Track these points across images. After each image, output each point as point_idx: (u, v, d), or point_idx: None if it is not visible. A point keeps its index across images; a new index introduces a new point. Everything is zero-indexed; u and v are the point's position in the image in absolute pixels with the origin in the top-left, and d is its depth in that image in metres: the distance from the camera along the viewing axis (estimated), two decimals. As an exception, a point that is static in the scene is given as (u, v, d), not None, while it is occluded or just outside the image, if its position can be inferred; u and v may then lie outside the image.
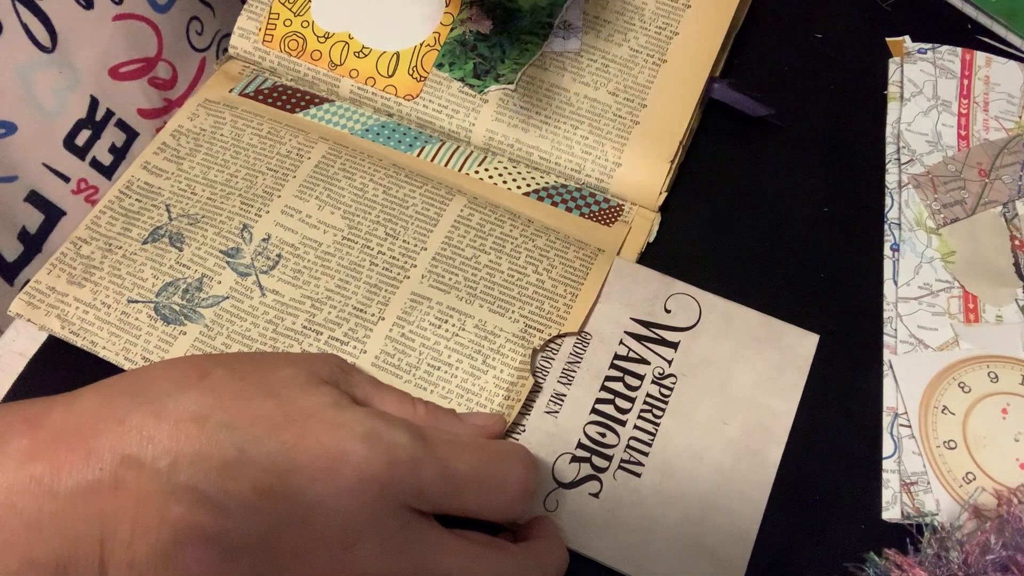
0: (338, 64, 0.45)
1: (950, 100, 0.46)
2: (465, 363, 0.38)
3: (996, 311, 0.41)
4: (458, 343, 0.38)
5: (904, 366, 0.39)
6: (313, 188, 0.42)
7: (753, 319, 0.39)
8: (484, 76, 0.45)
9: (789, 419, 0.38)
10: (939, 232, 0.43)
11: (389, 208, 0.42)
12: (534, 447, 0.36)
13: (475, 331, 0.38)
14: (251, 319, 0.39)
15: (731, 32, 0.47)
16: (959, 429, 0.38)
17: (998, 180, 0.44)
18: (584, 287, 0.40)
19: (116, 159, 0.47)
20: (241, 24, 0.47)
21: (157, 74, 0.48)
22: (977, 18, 0.50)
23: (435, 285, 0.39)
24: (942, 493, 0.37)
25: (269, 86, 0.47)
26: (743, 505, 0.36)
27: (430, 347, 0.38)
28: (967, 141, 0.45)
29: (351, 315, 0.39)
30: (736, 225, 0.44)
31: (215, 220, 0.41)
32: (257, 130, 0.44)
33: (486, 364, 0.38)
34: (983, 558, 0.32)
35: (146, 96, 0.48)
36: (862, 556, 0.35)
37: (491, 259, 0.40)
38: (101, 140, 0.46)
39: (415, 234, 0.41)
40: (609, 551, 0.35)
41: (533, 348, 0.38)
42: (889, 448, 0.38)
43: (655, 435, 0.37)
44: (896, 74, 0.47)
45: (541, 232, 0.41)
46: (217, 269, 0.40)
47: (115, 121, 0.46)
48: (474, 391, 0.37)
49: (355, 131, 0.45)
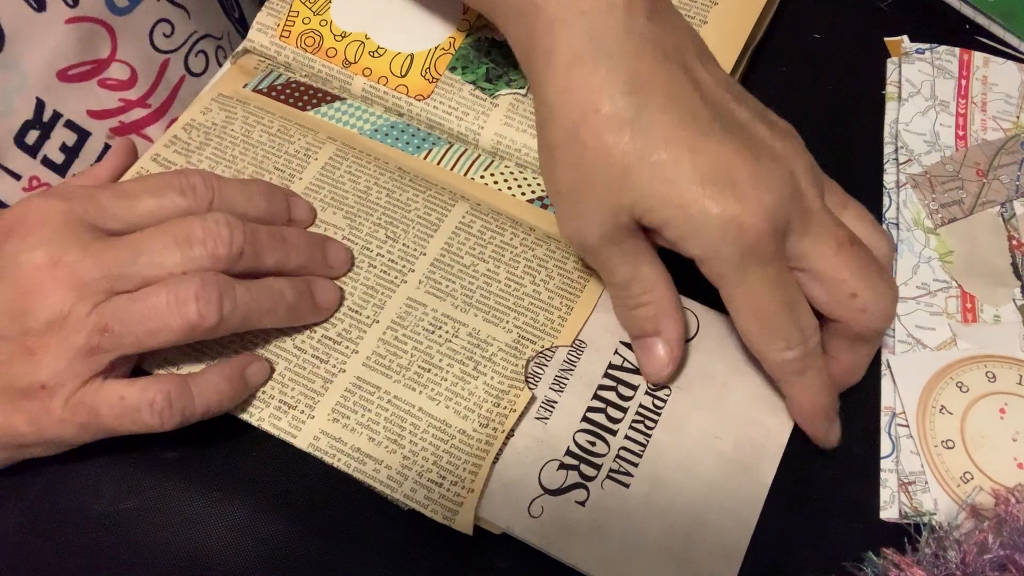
0: (352, 62, 0.46)
1: (948, 100, 0.46)
2: (456, 368, 0.38)
3: (994, 311, 0.41)
4: (450, 349, 0.38)
5: (902, 366, 0.39)
6: (318, 191, 0.42)
7: None
8: (496, 80, 0.45)
9: (784, 438, 0.37)
10: (937, 232, 0.43)
11: (391, 211, 0.42)
12: (521, 452, 0.36)
13: (468, 338, 0.38)
14: None
15: (748, 47, 0.46)
16: (957, 429, 0.38)
17: (996, 180, 0.44)
18: (580, 300, 0.40)
19: (69, 157, 0.47)
20: (260, 19, 0.47)
21: (110, 75, 0.48)
22: (975, 18, 0.50)
23: (431, 291, 0.39)
24: (940, 493, 0.37)
25: (283, 82, 0.47)
26: (732, 522, 0.35)
27: (422, 351, 0.38)
28: (965, 141, 0.45)
29: (346, 315, 0.39)
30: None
31: None
32: (267, 127, 0.44)
33: (476, 371, 0.38)
34: (981, 557, 0.33)
35: (96, 98, 0.48)
36: (860, 555, 0.35)
37: (489, 268, 0.40)
38: (51, 140, 0.46)
39: (415, 238, 0.41)
40: (592, 560, 0.34)
41: (526, 359, 0.38)
42: (887, 448, 0.38)
43: (646, 446, 0.37)
44: (894, 74, 0.48)
45: (542, 241, 0.41)
46: None
47: (64, 122, 0.46)
48: (463, 395, 0.37)
49: (364, 131, 0.45)
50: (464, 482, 0.35)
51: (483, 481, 0.35)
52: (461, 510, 0.35)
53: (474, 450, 0.36)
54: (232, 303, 0.34)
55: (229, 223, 0.35)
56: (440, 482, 0.35)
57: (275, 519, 0.36)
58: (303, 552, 0.36)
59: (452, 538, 0.35)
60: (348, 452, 0.36)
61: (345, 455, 0.36)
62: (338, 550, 0.36)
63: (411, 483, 0.35)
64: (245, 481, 0.37)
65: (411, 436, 0.36)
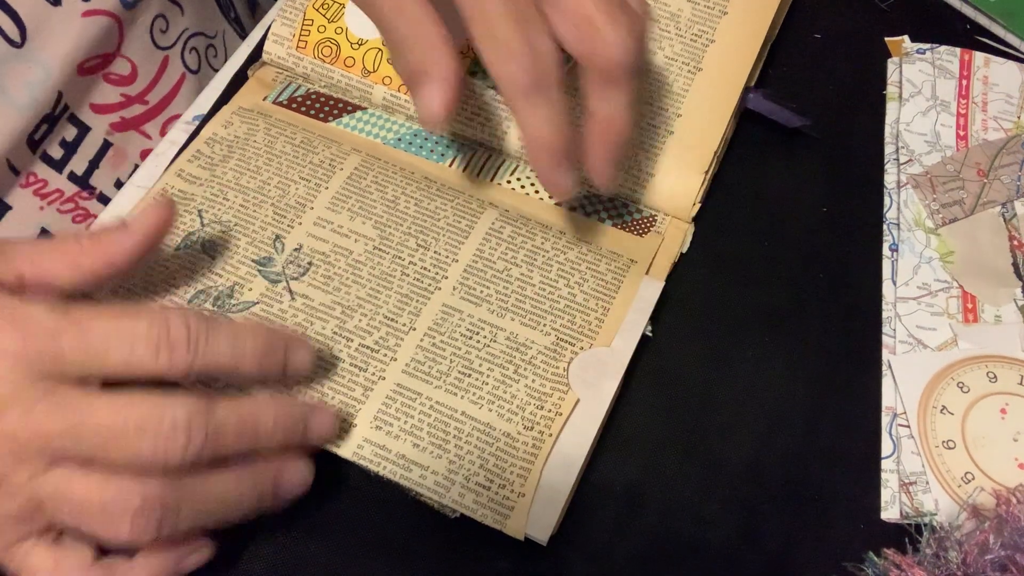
0: (371, 71, 0.45)
1: (949, 100, 0.46)
2: (496, 371, 0.38)
3: (995, 311, 0.41)
4: (489, 353, 0.38)
5: (903, 366, 0.39)
6: (345, 200, 0.42)
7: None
8: None
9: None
10: (938, 232, 0.43)
11: (420, 220, 0.42)
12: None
13: (506, 343, 0.38)
14: (279, 322, 0.39)
15: (767, 41, 0.47)
16: (958, 429, 0.38)
17: (997, 180, 0.44)
18: (616, 300, 0.40)
19: (67, 153, 0.47)
20: (275, 30, 0.47)
21: (113, 70, 0.48)
22: (976, 18, 0.50)
23: (466, 297, 0.39)
24: (941, 493, 0.37)
25: (302, 93, 0.46)
26: (576, 436, 0.36)
27: (461, 356, 0.38)
28: (966, 141, 0.45)
29: (382, 324, 0.39)
30: (734, 225, 0.44)
31: (248, 229, 0.41)
32: (290, 139, 0.44)
33: (517, 374, 0.38)
34: (982, 558, 0.33)
35: (100, 91, 0.48)
36: (861, 556, 0.35)
37: (522, 272, 0.40)
38: (53, 134, 0.46)
39: (446, 245, 0.41)
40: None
41: (567, 361, 0.38)
42: (888, 448, 0.38)
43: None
44: (895, 74, 0.47)
45: (573, 244, 0.41)
46: (249, 277, 0.40)
47: (68, 116, 0.46)
48: (505, 398, 0.37)
49: (387, 140, 0.45)
50: (513, 486, 0.35)
51: (534, 486, 0.35)
52: (512, 514, 0.35)
53: (521, 454, 0.36)
54: (173, 523, 0.31)
55: (189, 427, 0.30)
56: (488, 486, 0.35)
57: (275, 519, 0.36)
58: (304, 552, 0.36)
59: (452, 538, 0.35)
60: (393, 459, 0.36)
61: (390, 462, 0.36)
62: (338, 550, 0.36)
63: (459, 488, 0.35)
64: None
65: (456, 440, 0.36)
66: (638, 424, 0.39)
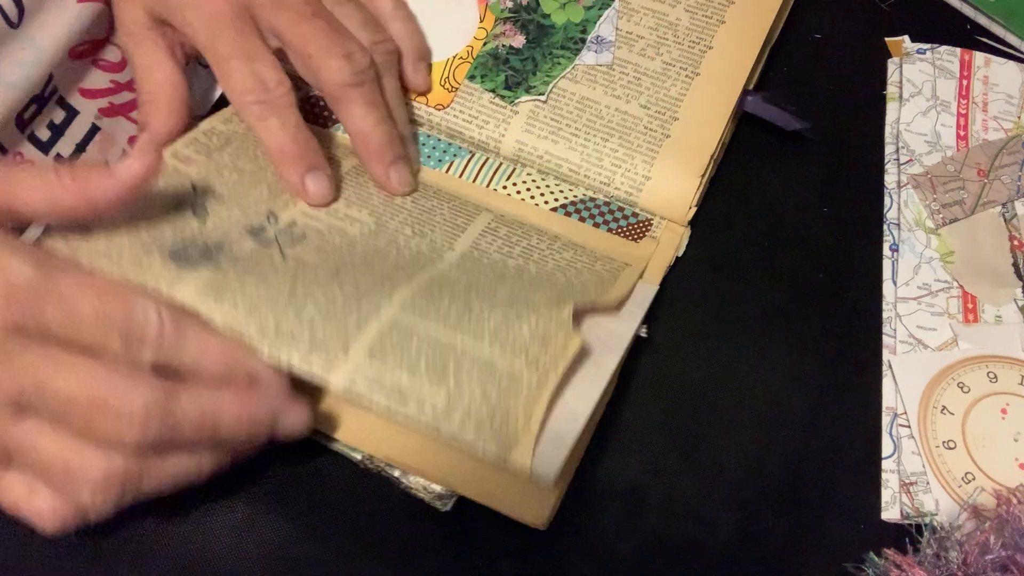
0: None
1: (949, 100, 0.46)
2: (498, 312, 0.36)
3: (995, 311, 0.41)
4: (489, 304, 0.36)
5: (903, 366, 0.39)
6: (343, 188, 0.42)
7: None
8: (515, 88, 0.45)
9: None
10: (938, 232, 0.43)
11: (417, 213, 0.42)
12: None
13: (508, 296, 0.37)
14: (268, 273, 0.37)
15: (767, 44, 0.47)
16: (958, 429, 0.38)
17: (997, 180, 0.44)
18: (611, 294, 0.39)
19: (54, 135, 0.47)
20: None
21: (104, 56, 0.48)
22: (976, 18, 0.50)
23: (464, 273, 0.39)
24: (941, 493, 0.37)
25: (302, 97, 0.46)
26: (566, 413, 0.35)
27: (460, 300, 0.36)
28: (966, 141, 0.45)
29: (372, 287, 0.37)
30: (735, 226, 0.44)
31: (241, 202, 0.40)
32: None
33: (519, 316, 0.36)
34: (982, 558, 0.32)
35: (91, 76, 0.48)
36: (861, 556, 0.35)
37: (518, 264, 0.40)
38: (42, 115, 0.46)
39: (443, 237, 0.41)
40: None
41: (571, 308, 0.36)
42: (888, 448, 0.38)
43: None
44: (895, 74, 0.47)
45: (568, 247, 0.41)
46: (239, 239, 0.38)
47: (56, 99, 0.47)
48: (508, 339, 0.35)
49: None
50: (517, 421, 0.33)
51: (539, 424, 0.33)
52: (518, 446, 0.33)
53: (525, 392, 0.34)
54: (133, 495, 0.31)
55: (146, 416, 0.30)
56: (491, 418, 0.33)
57: (275, 519, 0.36)
58: (303, 552, 0.36)
59: (452, 538, 0.35)
60: (388, 390, 0.33)
61: (384, 395, 0.33)
62: (338, 550, 0.36)
63: (459, 417, 0.33)
64: (245, 481, 0.37)
65: (455, 372, 0.34)
66: (638, 424, 0.39)
